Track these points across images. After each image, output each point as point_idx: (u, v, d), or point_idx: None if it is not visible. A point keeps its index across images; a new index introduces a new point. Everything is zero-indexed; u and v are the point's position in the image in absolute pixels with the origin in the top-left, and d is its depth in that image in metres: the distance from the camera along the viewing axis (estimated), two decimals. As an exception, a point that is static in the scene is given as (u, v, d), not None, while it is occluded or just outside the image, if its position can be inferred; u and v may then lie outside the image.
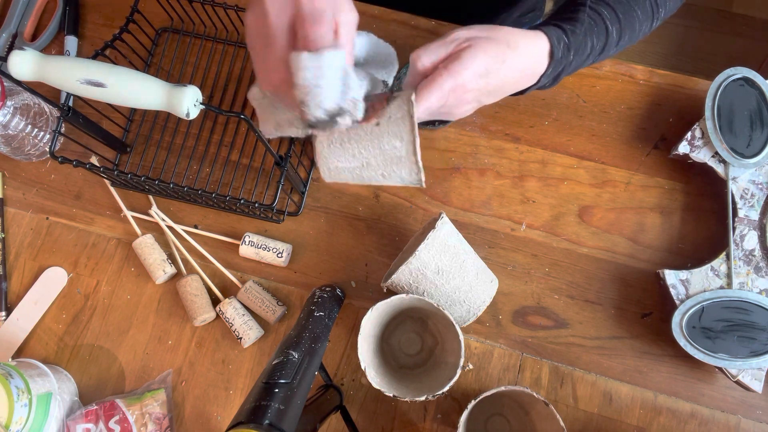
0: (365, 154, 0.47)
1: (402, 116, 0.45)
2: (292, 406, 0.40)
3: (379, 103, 0.46)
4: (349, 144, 0.47)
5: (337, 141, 0.47)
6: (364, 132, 0.46)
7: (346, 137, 0.47)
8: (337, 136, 0.47)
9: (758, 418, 0.60)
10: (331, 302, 0.58)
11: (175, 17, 0.72)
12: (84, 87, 0.44)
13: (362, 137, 0.46)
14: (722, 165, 0.62)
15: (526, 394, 0.53)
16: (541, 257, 0.65)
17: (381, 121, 0.46)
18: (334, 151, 0.47)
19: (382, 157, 0.47)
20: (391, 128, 0.45)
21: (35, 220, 0.69)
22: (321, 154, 0.48)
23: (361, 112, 0.45)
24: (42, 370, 0.60)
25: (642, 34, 0.59)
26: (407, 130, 0.45)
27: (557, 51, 0.51)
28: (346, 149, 0.47)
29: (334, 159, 0.48)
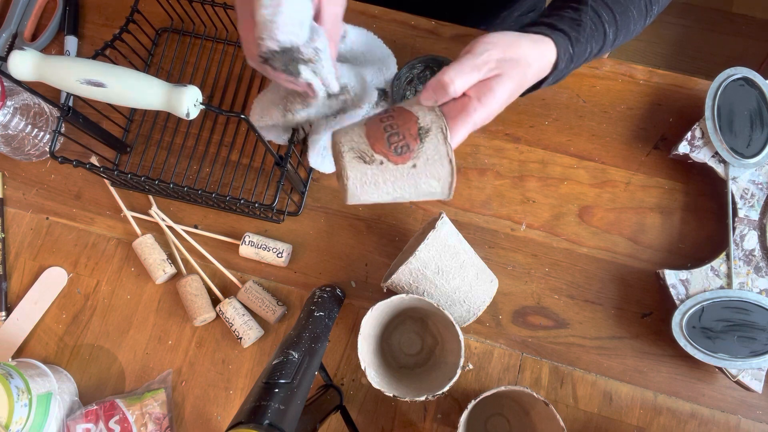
0: (399, 192, 0.47)
1: (440, 158, 0.45)
2: (292, 406, 0.40)
3: (412, 140, 0.45)
4: (384, 185, 0.46)
5: (371, 182, 0.46)
6: (399, 173, 0.45)
7: (380, 179, 0.45)
8: (371, 178, 0.45)
9: (758, 418, 0.60)
10: (331, 302, 0.58)
11: (175, 17, 0.72)
12: (84, 87, 0.44)
13: (397, 178, 0.45)
14: (722, 165, 0.62)
15: (526, 394, 0.53)
16: (541, 257, 0.65)
17: (418, 163, 0.45)
18: (366, 191, 0.46)
19: (415, 192, 0.47)
20: (428, 170, 0.45)
21: (35, 220, 0.69)
22: (350, 191, 0.46)
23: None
24: (42, 370, 0.60)
25: (635, 34, 0.59)
26: (447, 171, 0.45)
27: (561, 63, 0.51)
28: (379, 188, 0.46)
29: (365, 196, 0.47)
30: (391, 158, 0.45)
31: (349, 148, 0.45)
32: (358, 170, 0.45)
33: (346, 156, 0.45)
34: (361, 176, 0.45)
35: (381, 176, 0.45)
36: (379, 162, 0.45)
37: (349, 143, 0.46)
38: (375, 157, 0.45)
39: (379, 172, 0.45)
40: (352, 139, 0.46)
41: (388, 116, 0.46)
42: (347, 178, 0.45)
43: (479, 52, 0.46)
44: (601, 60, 0.69)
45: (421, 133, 0.45)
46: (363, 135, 0.45)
